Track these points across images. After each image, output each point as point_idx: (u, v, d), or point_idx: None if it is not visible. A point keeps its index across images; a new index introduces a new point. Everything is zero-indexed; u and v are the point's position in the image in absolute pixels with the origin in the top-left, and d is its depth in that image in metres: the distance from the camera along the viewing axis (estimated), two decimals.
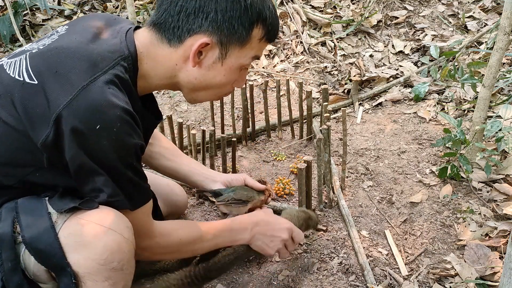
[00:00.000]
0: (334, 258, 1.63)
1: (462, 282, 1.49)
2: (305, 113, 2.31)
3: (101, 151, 1.05)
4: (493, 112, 2.27)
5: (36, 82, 1.07)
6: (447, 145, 2.00)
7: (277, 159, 2.23)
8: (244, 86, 2.23)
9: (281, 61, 3.16)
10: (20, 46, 3.20)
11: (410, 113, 2.55)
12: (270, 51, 3.23)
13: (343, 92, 2.82)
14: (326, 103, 2.11)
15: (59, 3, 3.78)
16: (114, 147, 1.05)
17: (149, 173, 1.75)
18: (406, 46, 3.18)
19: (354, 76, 2.86)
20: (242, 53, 1.20)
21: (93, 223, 1.08)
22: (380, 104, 2.69)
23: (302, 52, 3.21)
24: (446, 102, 2.58)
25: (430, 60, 2.97)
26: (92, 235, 1.07)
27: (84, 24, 1.21)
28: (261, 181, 1.58)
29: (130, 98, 1.12)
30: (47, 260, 1.07)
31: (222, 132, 2.30)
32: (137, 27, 1.23)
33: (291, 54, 3.20)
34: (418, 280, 1.53)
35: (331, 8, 3.56)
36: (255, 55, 1.24)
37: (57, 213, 1.10)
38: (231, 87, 1.28)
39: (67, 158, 1.07)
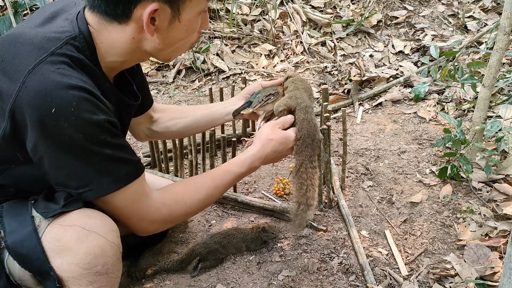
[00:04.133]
0: (334, 258, 1.63)
1: (462, 282, 1.49)
2: None
3: (64, 135, 0.99)
4: (493, 112, 2.27)
5: None
6: (447, 145, 2.00)
7: None
8: (244, 86, 2.23)
9: (281, 61, 3.16)
10: None
11: (410, 113, 2.55)
12: (270, 51, 3.23)
13: (343, 92, 2.82)
14: (326, 103, 2.10)
15: None
16: (76, 128, 0.99)
17: (148, 175, 1.75)
18: (406, 46, 3.18)
19: (354, 76, 2.86)
20: (194, 1, 1.10)
21: (76, 227, 1.06)
22: (380, 104, 2.69)
23: (302, 52, 3.21)
24: (446, 102, 2.58)
25: (430, 60, 2.97)
26: (74, 239, 1.05)
27: (40, 11, 1.16)
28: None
29: (91, 78, 1.06)
30: (30, 265, 1.06)
31: (222, 132, 2.29)
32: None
33: (291, 54, 3.20)
34: (418, 280, 1.53)
35: (331, 8, 3.57)
36: None
37: (40, 216, 1.08)
38: (198, 33, 1.21)
39: (29, 149, 1.03)
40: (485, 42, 2.92)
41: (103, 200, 1.11)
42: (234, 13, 3.37)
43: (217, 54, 3.20)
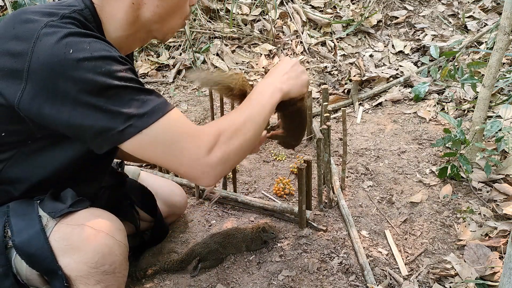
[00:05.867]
0: (334, 258, 1.63)
1: (462, 282, 1.49)
2: None
3: (87, 74, 0.97)
4: (493, 112, 2.27)
5: None
6: (447, 145, 2.00)
7: (277, 159, 2.23)
8: None
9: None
10: None
11: (410, 113, 2.55)
12: (270, 51, 3.23)
13: (343, 92, 2.82)
14: (326, 103, 2.11)
15: None
16: (97, 65, 0.97)
17: (149, 175, 1.76)
18: (406, 46, 3.18)
19: (354, 76, 2.86)
20: None
21: (84, 226, 1.07)
22: (380, 104, 2.69)
23: (302, 52, 3.21)
24: (446, 102, 2.58)
25: (430, 60, 2.97)
26: (83, 238, 1.06)
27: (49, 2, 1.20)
28: None
29: None
30: (38, 264, 1.07)
31: None
32: None
33: (291, 54, 3.20)
34: (418, 280, 1.53)
35: (331, 8, 3.57)
36: None
37: (47, 216, 1.09)
38: (189, 7, 1.22)
39: (55, 108, 0.98)
40: (485, 42, 2.92)
41: (147, 136, 1.01)
42: (234, 13, 3.37)
43: (217, 54, 3.21)
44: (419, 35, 3.28)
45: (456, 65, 2.55)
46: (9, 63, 0.99)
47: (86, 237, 1.06)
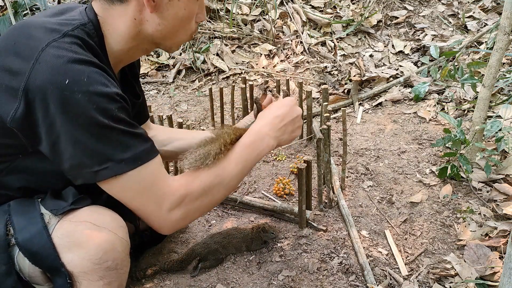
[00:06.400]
0: (334, 258, 1.63)
1: (462, 282, 1.49)
2: (305, 113, 2.31)
3: (79, 107, 0.98)
4: (493, 112, 2.27)
5: None
6: (447, 145, 2.00)
7: (277, 159, 2.23)
8: (244, 86, 2.23)
9: (281, 61, 3.16)
10: None
11: (410, 113, 2.55)
12: (270, 51, 3.23)
13: (343, 92, 2.82)
14: (326, 103, 2.11)
15: (59, 3, 3.78)
16: (90, 99, 0.98)
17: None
18: (406, 46, 3.18)
19: (354, 76, 2.86)
20: None
21: (87, 223, 1.08)
22: (380, 104, 2.69)
23: (302, 52, 3.21)
24: (446, 102, 2.58)
25: (430, 60, 2.97)
26: (85, 234, 1.06)
27: (47, 10, 1.19)
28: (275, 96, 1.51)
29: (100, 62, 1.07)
30: (41, 262, 1.07)
31: None
32: None
33: (291, 54, 3.20)
34: (418, 280, 1.53)
35: (331, 8, 3.57)
36: None
37: (49, 213, 1.09)
38: (196, 23, 1.22)
39: (43, 131, 1.01)
40: (485, 42, 2.92)
41: (119, 181, 1.06)
42: (234, 13, 3.37)
43: (217, 54, 3.21)
44: (419, 35, 3.28)
45: (456, 65, 2.55)
46: (7, 80, 1.00)
47: (88, 233, 1.06)
